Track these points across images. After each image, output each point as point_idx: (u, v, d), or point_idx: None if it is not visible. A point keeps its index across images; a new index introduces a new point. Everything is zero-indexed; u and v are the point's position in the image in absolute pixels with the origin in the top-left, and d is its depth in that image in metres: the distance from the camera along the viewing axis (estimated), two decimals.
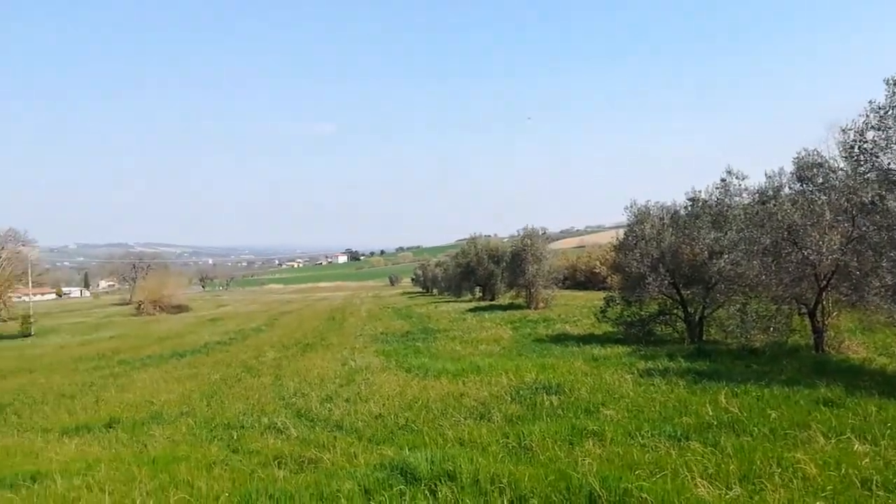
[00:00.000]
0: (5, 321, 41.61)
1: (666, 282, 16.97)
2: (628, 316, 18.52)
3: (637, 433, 7.48)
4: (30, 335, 39.47)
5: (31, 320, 42.53)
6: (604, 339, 17.72)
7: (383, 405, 10.64)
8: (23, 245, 45.05)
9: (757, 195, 14.83)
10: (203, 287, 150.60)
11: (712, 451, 6.55)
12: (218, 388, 14.55)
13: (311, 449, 8.02)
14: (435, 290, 71.94)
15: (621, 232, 20.00)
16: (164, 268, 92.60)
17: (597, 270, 49.01)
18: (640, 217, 18.18)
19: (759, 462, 6.12)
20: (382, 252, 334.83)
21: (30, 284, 51.74)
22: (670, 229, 17.29)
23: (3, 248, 42.43)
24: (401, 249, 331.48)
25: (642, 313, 18.34)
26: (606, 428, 7.73)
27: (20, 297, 50.03)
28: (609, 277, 35.28)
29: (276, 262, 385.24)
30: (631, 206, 18.67)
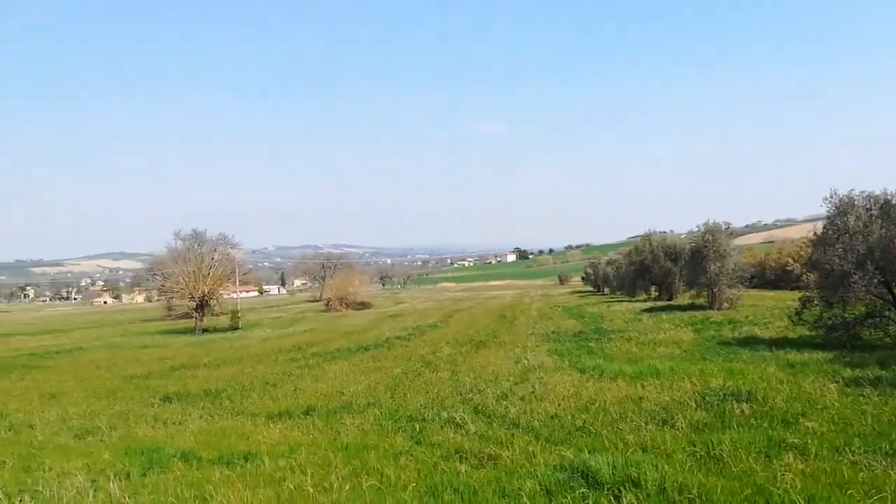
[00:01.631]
0: (217, 316, 46.92)
1: (875, 280, 15.09)
2: (829, 318, 16.72)
3: (846, 448, 6.74)
4: (237, 328, 44.26)
5: (239, 315, 47.73)
6: (799, 344, 16.15)
7: (559, 405, 10.56)
8: (231, 248, 50.46)
9: None
10: (383, 285, 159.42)
11: None
12: (400, 382, 15.32)
13: (489, 445, 8.17)
14: (606, 290, 70.00)
15: (819, 225, 18.08)
16: (349, 267, 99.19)
17: (789, 268, 44.79)
18: (843, 208, 16.32)
19: None
20: (551, 250, 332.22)
21: (237, 283, 58.18)
22: (879, 221, 15.33)
23: (215, 250, 47.88)
24: (570, 247, 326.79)
25: (846, 315, 16.45)
26: (809, 441, 7.04)
27: (229, 294, 56.18)
28: (804, 276, 32.01)
29: (448, 261, 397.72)
30: (831, 197, 16.84)
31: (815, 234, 18.36)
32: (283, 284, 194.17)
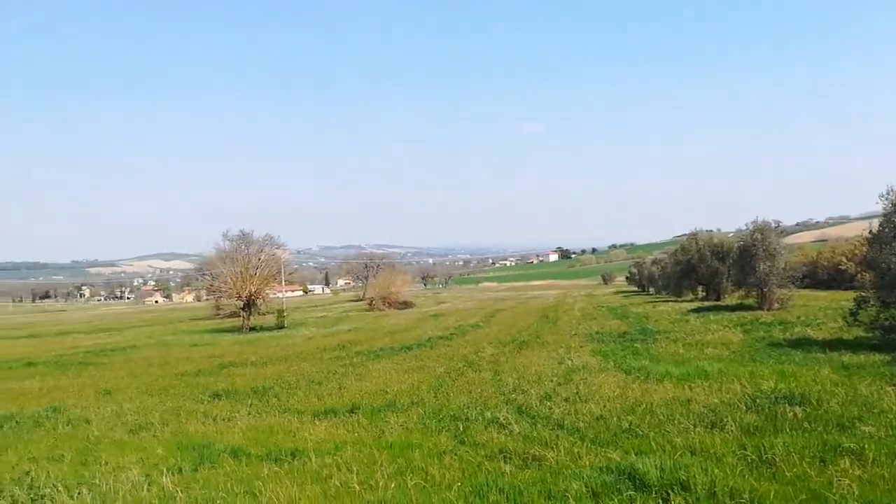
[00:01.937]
0: (264, 315, 47.77)
1: None
2: (886, 319, 16.10)
3: None
4: (283, 327, 45.01)
5: (284, 314, 48.53)
6: (855, 345, 15.60)
7: (604, 407, 10.44)
8: (276, 248, 51.29)
9: None
10: (424, 285, 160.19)
11: None
12: (443, 381, 15.35)
13: (534, 446, 8.13)
14: (651, 289, 68.93)
15: (874, 223, 17.45)
16: (392, 267, 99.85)
17: (843, 267, 43.32)
18: None
19: None
20: (594, 250, 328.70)
21: (283, 283, 59.20)
22: None
23: (261, 251, 48.76)
24: (613, 247, 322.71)
25: None
26: (866, 446, 6.80)
27: (275, 294, 57.20)
28: (859, 275, 30.89)
29: (490, 260, 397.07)
30: (888, 193, 16.23)
31: (870, 232, 17.74)
32: (327, 284, 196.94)
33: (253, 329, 44.11)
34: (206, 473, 7.63)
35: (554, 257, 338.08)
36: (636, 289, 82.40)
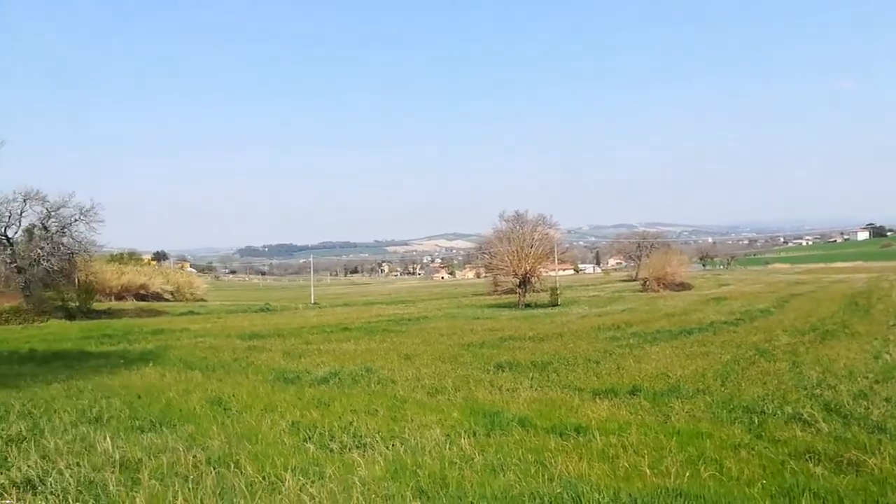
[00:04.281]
0: (538, 292, 49.19)
1: None
2: None
3: None
4: (557, 305, 45.91)
5: (558, 292, 49.49)
6: None
7: None
8: (549, 228, 52.37)
9: None
10: (703, 266, 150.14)
11: None
12: (730, 369, 14.33)
13: (849, 449, 7.19)
14: None
15: None
16: (666, 246, 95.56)
17: None
18: None
19: None
20: None
21: (556, 261, 60.22)
22: None
23: (535, 230, 50.19)
24: None
25: None
26: None
27: (548, 272, 58.48)
28: None
29: (781, 239, 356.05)
30: None
31: None
32: (598, 263, 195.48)
33: (528, 306, 45.73)
34: (497, 439, 8.16)
35: (863, 235, 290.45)
36: None
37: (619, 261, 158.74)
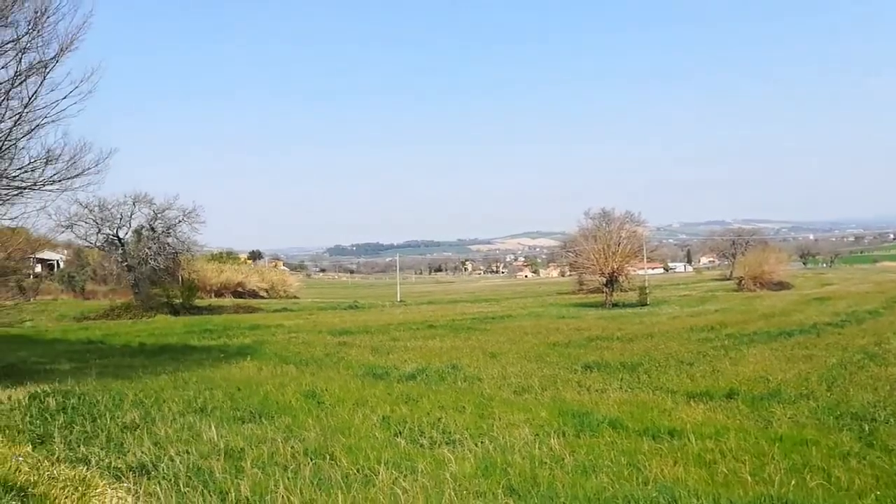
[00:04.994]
0: (626, 291, 48.02)
1: None
2: None
3: None
4: (645, 305, 44.70)
5: (647, 291, 48.17)
6: None
7: None
8: (637, 225, 51.10)
9: None
10: (804, 264, 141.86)
11: None
12: (837, 374, 13.55)
13: None
14: None
15: None
16: (763, 244, 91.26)
17: None
18: None
19: None
20: None
21: (644, 259, 58.72)
22: None
23: (622, 228, 49.07)
24: None
25: None
26: None
27: (636, 271, 57.04)
28: None
29: (891, 236, 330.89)
30: None
31: None
32: (689, 262, 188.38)
33: (615, 305, 44.77)
34: (587, 440, 8.05)
35: None
36: None
37: (711, 259, 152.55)
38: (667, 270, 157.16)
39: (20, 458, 7.06)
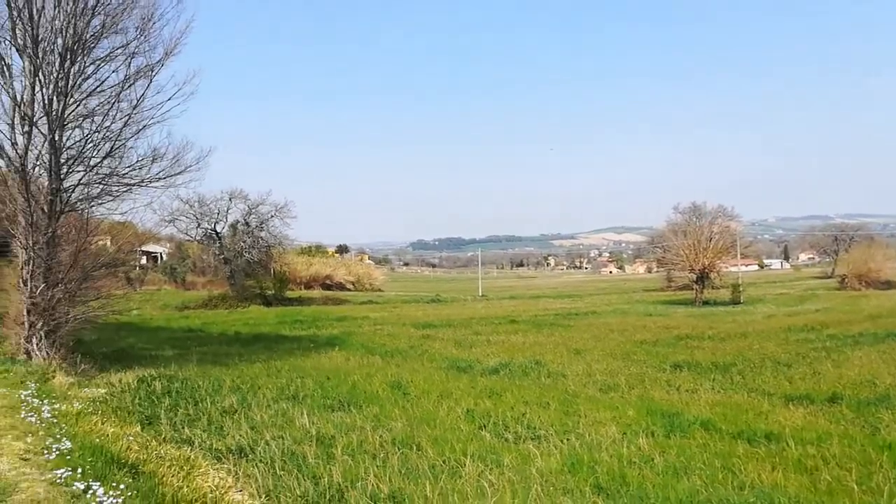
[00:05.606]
0: (717, 289, 46.17)
1: None
2: None
3: None
4: (739, 303, 42.82)
5: (740, 289, 46.12)
6: None
7: None
8: (729, 220, 49.12)
9: None
10: None
11: None
12: None
13: None
14: None
15: None
16: (869, 240, 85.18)
17: None
18: None
19: None
20: None
21: (738, 256, 56.23)
22: None
23: (714, 222, 47.23)
24: None
25: None
26: None
27: (729, 268, 54.79)
28: None
29: None
30: None
31: None
32: (786, 258, 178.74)
33: (706, 303, 43.20)
34: (678, 441, 7.82)
35: None
36: None
37: (811, 256, 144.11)
38: (762, 267, 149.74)
39: (131, 438, 7.61)
